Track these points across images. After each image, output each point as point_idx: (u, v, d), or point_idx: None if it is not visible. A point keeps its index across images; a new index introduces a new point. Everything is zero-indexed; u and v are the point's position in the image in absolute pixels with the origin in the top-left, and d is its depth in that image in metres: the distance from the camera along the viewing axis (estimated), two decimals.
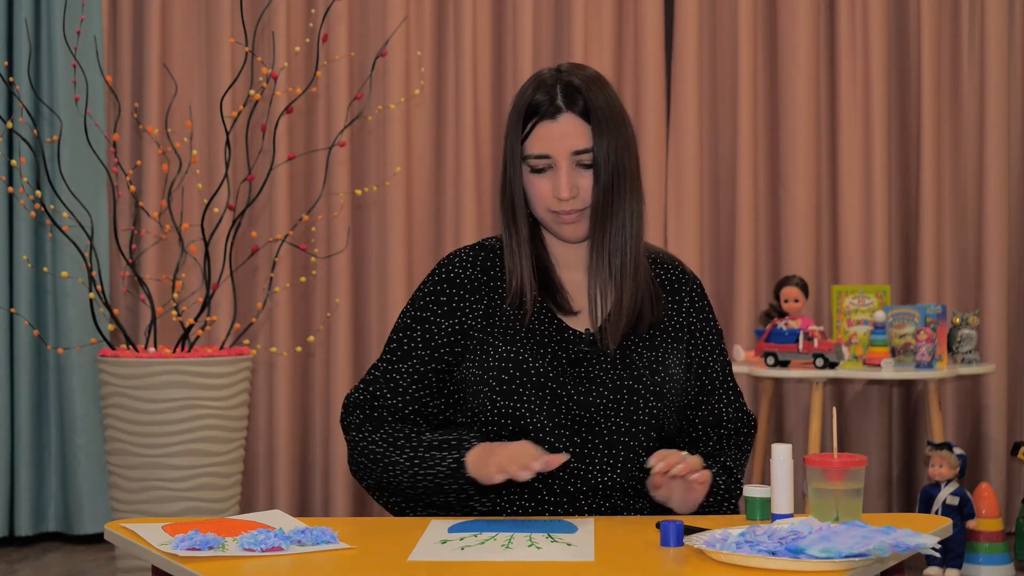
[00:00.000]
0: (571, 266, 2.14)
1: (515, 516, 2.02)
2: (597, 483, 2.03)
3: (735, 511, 2.12)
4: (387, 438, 2.06)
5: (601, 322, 2.08)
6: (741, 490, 2.10)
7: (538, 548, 1.71)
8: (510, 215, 2.09)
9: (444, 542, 1.76)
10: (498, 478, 1.91)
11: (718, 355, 2.17)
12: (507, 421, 2.03)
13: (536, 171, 2.05)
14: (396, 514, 2.12)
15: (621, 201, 2.06)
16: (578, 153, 2.03)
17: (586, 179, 2.05)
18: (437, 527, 1.86)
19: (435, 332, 2.10)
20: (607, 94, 2.07)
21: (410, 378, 2.09)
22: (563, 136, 2.03)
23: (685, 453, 1.96)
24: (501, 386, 2.03)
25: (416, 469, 2.01)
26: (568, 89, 2.04)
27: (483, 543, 1.74)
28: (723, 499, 2.09)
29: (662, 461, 1.94)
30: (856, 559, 1.55)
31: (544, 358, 2.05)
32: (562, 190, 2.03)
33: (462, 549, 1.71)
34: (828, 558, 1.55)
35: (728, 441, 2.16)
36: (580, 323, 2.10)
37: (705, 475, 1.97)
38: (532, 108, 2.05)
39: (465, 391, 2.08)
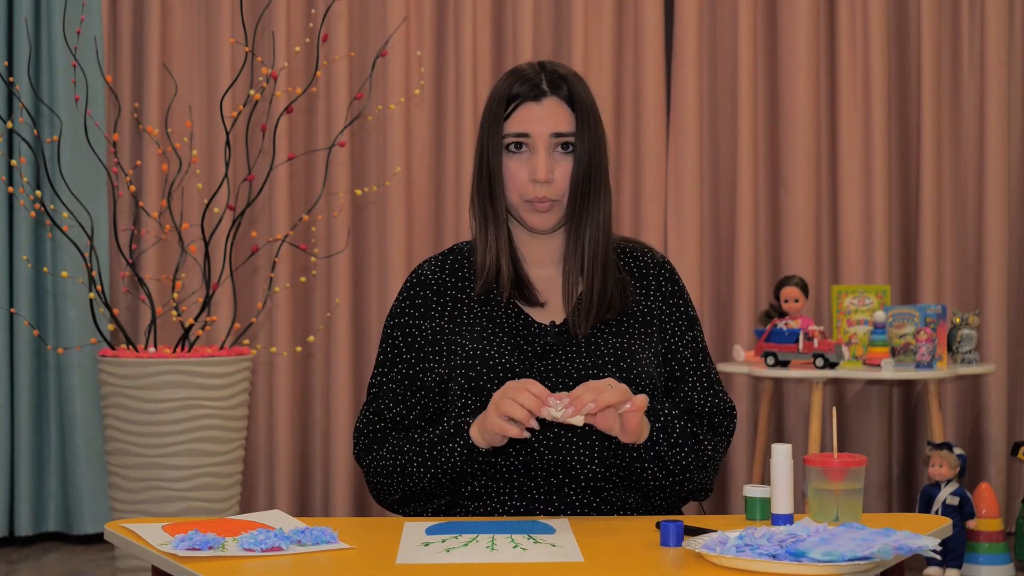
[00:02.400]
0: (537, 261, 2.16)
1: (504, 517, 2.02)
2: (578, 474, 2.03)
3: (697, 489, 2.08)
4: (392, 451, 2.07)
5: (572, 309, 2.09)
6: (706, 464, 2.06)
7: (523, 550, 1.71)
8: (487, 197, 2.10)
9: (426, 544, 1.75)
10: (510, 428, 1.89)
11: (688, 341, 2.15)
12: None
13: (513, 152, 2.07)
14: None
15: (597, 195, 2.10)
16: (558, 136, 2.06)
17: (562, 167, 2.08)
18: (413, 529, 1.86)
19: (416, 335, 2.12)
20: (588, 90, 2.13)
21: (402, 384, 2.11)
22: (545, 118, 2.07)
23: (609, 384, 1.91)
24: (469, 383, 2.04)
25: (433, 471, 2.02)
26: (553, 76, 2.10)
27: (466, 545, 1.74)
28: (665, 455, 2.02)
29: (571, 402, 1.89)
30: (860, 562, 1.55)
31: (512, 353, 2.06)
32: (539, 171, 2.05)
33: (447, 551, 1.70)
34: (831, 561, 1.54)
35: (703, 423, 2.13)
36: (546, 316, 2.12)
37: (640, 402, 1.92)
38: (516, 91, 2.08)
39: (433, 393, 2.10)
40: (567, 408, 1.88)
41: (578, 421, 1.89)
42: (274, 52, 4.68)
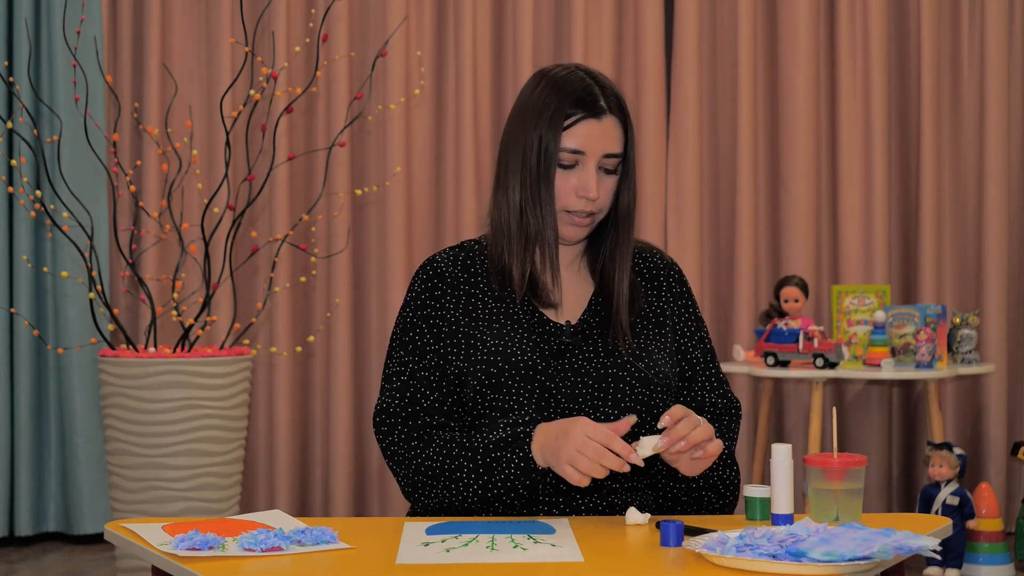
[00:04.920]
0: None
1: (505, 517, 2.01)
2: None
3: (717, 509, 2.11)
4: (441, 451, 2.03)
5: (615, 317, 2.10)
6: (733, 466, 2.11)
7: (523, 550, 1.71)
8: (537, 204, 2.08)
9: (426, 544, 1.75)
10: (581, 480, 1.89)
11: (697, 342, 2.18)
12: (496, 414, 2.04)
13: (562, 166, 2.07)
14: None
15: (636, 205, 2.13)
16: (608, 156, 2.07)
17: (605, 183, 2.08)
18: (413, 529, 1.86)
19: (440, 325, 2.11)
20: None
21: (435, 372, 2.09)
22: (602, 137, 2.06)
23: (699, 421, 1.92)
24: (490, 379, 2.04)
25: (485, 477, 1.99)
26: (607, 91, 2.09)
27: (466, 545, 1.74)
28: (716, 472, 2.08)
29: (668, 435, 1.89)
30: (860, 562, 1.55)
31: (532, 350, 2.07)
32: (591, 189, 2.05)
33: (447, 551, 1.70)
34: (831, 561, 1.54)
35: (713, 425, 2.15)
36: (559, 316, 2.13)
37: (713, 448, 1.93)
38: (575, 108, 2.06)
39: (453, 385, 2.09)
40: (662, 439, 1.88)
41: (639, 461, 1.87)
42: (274, 52, 4.68)
